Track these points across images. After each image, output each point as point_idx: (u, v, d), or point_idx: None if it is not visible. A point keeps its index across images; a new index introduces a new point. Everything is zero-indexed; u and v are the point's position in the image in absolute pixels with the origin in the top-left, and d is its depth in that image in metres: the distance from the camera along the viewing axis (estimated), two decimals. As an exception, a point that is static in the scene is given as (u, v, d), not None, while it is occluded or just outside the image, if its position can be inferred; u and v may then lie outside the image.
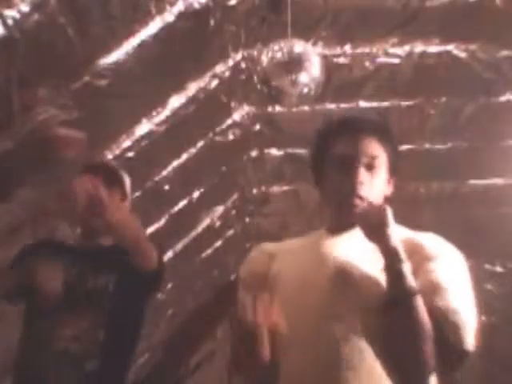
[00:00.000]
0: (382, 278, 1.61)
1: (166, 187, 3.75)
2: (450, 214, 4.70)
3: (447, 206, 4.60)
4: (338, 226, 1.75)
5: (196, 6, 2.82)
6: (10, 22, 2.26)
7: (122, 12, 2.59)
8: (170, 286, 4.38)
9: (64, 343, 2.30)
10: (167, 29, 2.77)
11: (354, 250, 1.69)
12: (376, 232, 1.60)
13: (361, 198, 1.66)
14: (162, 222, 3.96)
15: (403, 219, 1.70)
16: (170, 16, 2.76)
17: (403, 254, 1.58)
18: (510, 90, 3.68)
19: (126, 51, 2.73)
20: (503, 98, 3.72)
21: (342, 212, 1.71)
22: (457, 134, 4.00)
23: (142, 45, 2.75)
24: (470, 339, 1.58)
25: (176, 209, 4.02)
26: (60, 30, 2.42)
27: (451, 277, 1.62)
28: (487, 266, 5.22)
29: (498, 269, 5.23)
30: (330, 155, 1.74)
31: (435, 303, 1.57)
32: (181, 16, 2.79)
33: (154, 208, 3.76)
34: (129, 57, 2.75)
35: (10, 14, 2.26)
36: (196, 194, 4.09)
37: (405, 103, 3.76)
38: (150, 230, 3.84)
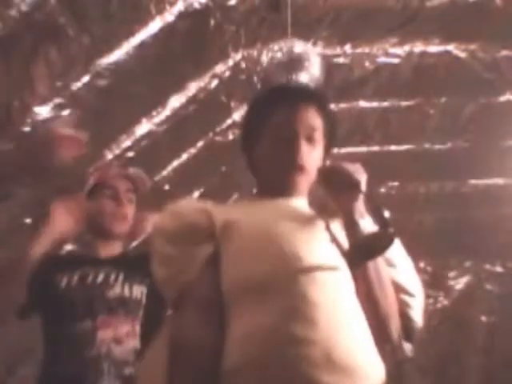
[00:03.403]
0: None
1: (166, 187, 3.75)
2: (449, 213, 4.70)
3: (447, 206, 4.60)
4: (274, 197, 1.66)
5: (196, 5, 2.82)
6: (9, 22, 2.27)
7: (122, 12, 2.59)
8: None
9: (106, 345, 2.29)
10: (167, 29, 2.77)
11: (306, 210, 1.65)
12: (347, 192, 1.52)
13: (302, 169, 1.63)
14: (162, 222, 3.95)
15: (404, 219, 1.71)
16: (170, 16, 2.76)
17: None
18: (510, 90, 3.68)
19: (126, 51, 2.73)
20: (503, 98, 3.72)
21: (282, 183, 1.65)
22: (457, 134, 4.00)
23: (142, 45, 2.74)
24: (419, 314, 1.62)
25: (176, 209, 4.02)
26: (60, 29, 2.42)
27: (399, 256, 1.64)
28: (487, 266, 5.22)
29: (498, 269, 5.24)
30: (269, 125, 1.66)
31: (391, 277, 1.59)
32: (181, 16, 2.79)
33: (154, 208, 3.75)
34: (129, 57, 2.75)
35: (10, 14, 2.26)
36: (196, 194, 4.08)
37: (405, 103, 3.76)
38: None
